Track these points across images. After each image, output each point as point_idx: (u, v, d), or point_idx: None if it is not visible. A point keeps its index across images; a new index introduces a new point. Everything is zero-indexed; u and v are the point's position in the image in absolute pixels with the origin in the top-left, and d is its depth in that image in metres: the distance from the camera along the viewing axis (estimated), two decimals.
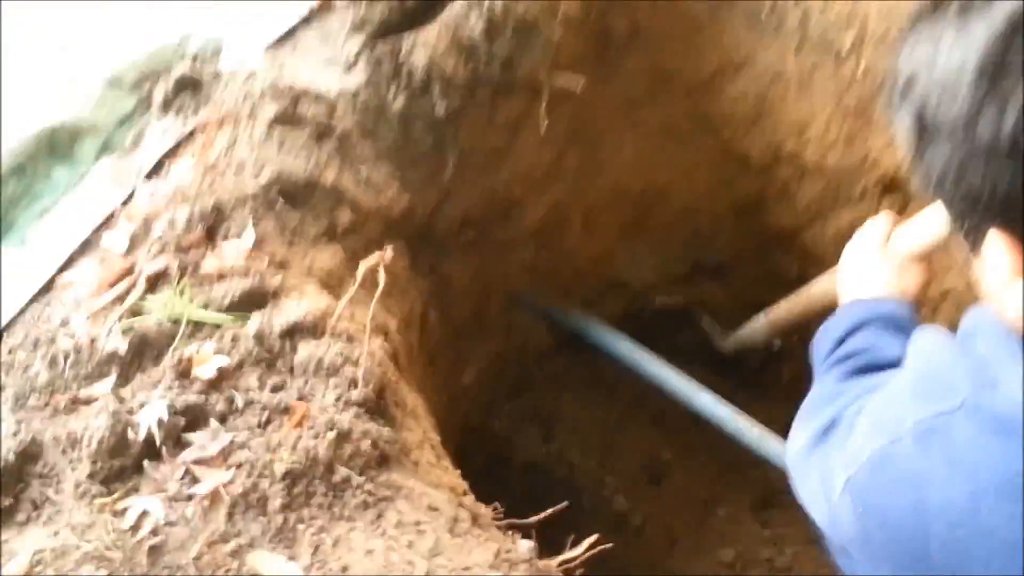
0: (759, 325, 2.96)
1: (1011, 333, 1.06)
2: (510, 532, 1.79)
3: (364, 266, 2.01)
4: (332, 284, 2.12)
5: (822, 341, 1.72)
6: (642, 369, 3.00)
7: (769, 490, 3.36)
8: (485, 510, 1.84)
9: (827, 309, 2.13)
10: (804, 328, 2.30)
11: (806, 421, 1.46)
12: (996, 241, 0.98)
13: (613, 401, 3.65)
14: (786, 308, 2.76)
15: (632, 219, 3.30)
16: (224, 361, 1.85)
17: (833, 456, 1.27)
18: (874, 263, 1.85)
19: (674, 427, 3.54)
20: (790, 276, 3.37)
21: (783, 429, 1.70)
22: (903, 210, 2.92)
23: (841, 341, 1.66)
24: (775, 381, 3.52)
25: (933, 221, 1.77)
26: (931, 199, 1.05)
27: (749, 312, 3.60)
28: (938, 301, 2.86)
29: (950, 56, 0.94)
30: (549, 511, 1.83)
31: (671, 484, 3.50)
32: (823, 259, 3.16)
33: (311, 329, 1.91)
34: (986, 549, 1.01)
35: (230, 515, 1.65)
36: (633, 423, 3.64)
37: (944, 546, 1.04)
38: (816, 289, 2.51)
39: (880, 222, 1.92)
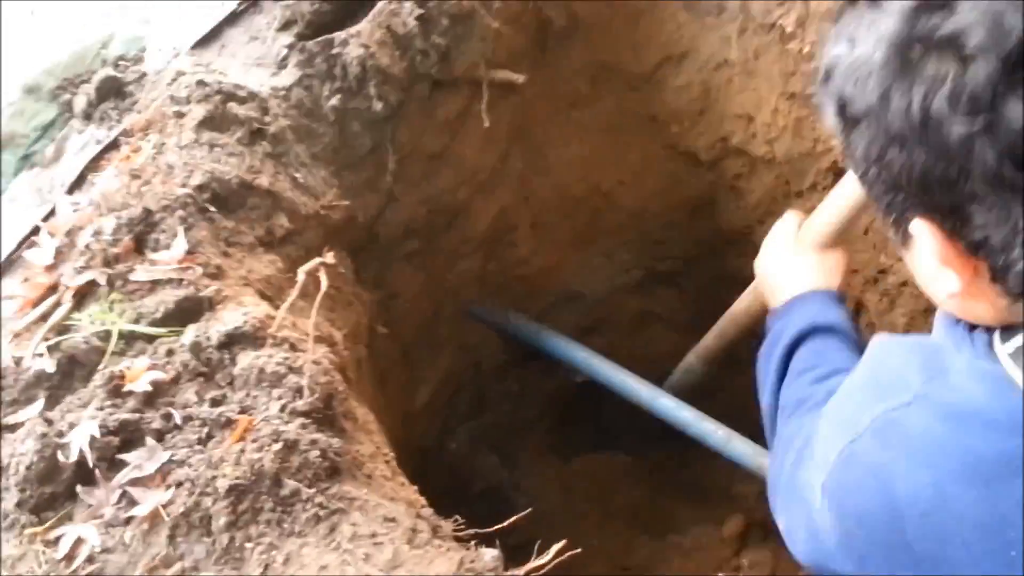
0: (690, 364, 2.84)
1: (957, 322, 1.08)
2: (473, 544, 1.69)
3: (304, 270, 1.90)
4: (271, 293, 2.02)
5: (765, 367, 1.73)
6: (600, 377, 2.90)
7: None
8: (445, 523, 1.74)
9: (756, 323, 2.18)
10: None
11: (780, 457, 1.47)
12: (921, 231, 1.00)
13: (570, 418, 3.57)
14: (714, 337, 2.69)
15: (581, 225, 3.23)
16: (159, 375, 1.74)
17: (804, 471, 1.27)
18: (790, 260, 1.89)
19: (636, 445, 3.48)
20: (744, 277, 3.31)
21: None
22: None
23: (789, 354, 1.67)
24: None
25: (836, 203, 1.82)
26: (864, 189, 1.08)
27: (705, 320, 3.55)
28: (896, 294, 2.80)
29: (862, 45, 0.98)
30: (514, 518, 1.75)
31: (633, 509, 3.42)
32: None
33: (250, 338, 1.80)
34: (960, 533, 1.01)
35: (172, 537, 1.55)
36: (591, 442, 3.56)
37: (920, 535, 1.04)
38: (739, 308, 2.47)
39: (786, 221, 1.98)
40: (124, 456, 1.64)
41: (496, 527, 1.73)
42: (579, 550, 1.68)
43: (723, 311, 3.42)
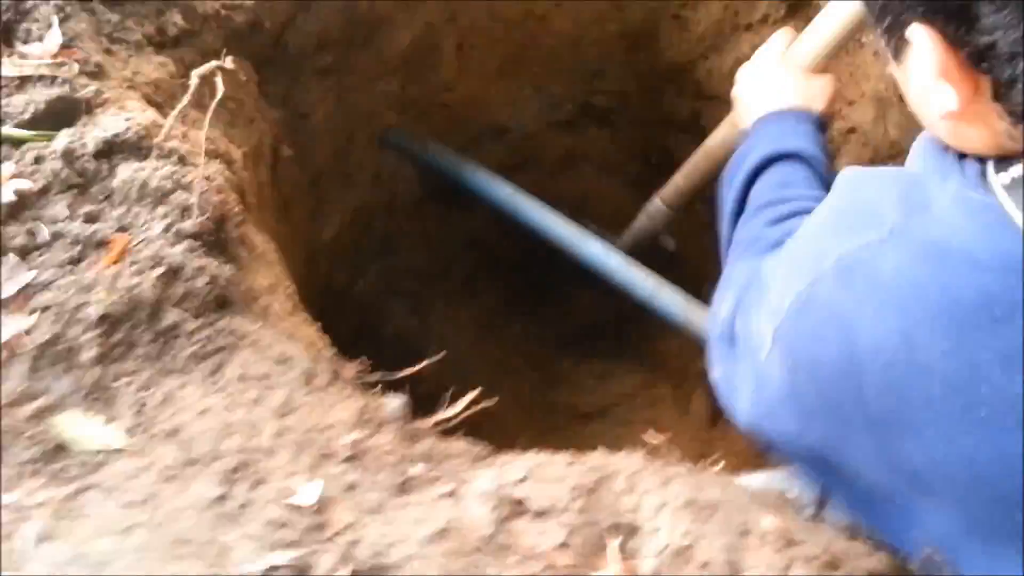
0: (655, 207, 2.66)
1: (946, 150, 1.01)
2: (378, 390, 1.53)
3: (197, 73, 1.68)
4: (159, 99, 1.81)
5: (726, 193, 1.60)
6: (523, 218, 2.72)
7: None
8: (348, 366, 1.58)
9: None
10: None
11: (718, 301, 1.36)
12: (919, 38, 0.93)
13: (486, 262, 3.41)
14: (684, 176, 2.47)
15: (512, 51, 3.02)
16: (25, 185, 1.53)
17: (753, 317, 1.18)
18: (775, 75, 1.75)
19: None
20: (682, 118, 3.16)
21: None
22: None
23: (750, 182, 1.54)
24: None
25: (827, 22, 1.72)
26: None
27: (637, 163, 3.38)
28: (841, 141, 2.65)
29: None
30: (424, 362, 1.62)
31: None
32: (719, 97, 2.91)
33: (134, 148, 1.60)
34: (924, 388, 0.93)
35: (32, 369, 1.36)
36: (505, 289, 3.42)
37: (879, 390, 0.97)
38: (714, 140, 2.26)
39: (776, 39, 1.84)
40: None
41: (404, 371, 1.59)
42: (495, 400, 1.55)
43: (657, 153, 3.26)
